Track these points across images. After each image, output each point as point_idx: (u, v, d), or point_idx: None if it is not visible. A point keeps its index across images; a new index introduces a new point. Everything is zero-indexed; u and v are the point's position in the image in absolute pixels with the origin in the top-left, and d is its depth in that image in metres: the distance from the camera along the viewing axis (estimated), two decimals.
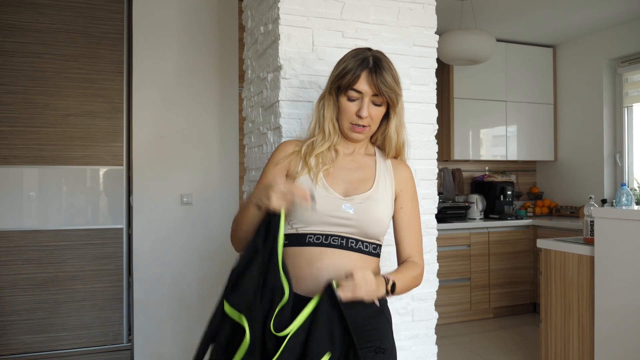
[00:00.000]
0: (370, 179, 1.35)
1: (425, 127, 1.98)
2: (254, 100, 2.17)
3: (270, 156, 1.43)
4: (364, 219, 1.28)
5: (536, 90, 5.05)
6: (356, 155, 1.40)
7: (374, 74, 1.28)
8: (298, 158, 1.36)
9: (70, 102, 3.31)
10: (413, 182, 1.44)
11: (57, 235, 3.28)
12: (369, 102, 1.30)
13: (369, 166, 1.39)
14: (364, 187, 1.33)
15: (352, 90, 1.29)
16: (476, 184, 5.04)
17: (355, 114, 1.31)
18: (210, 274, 3.37)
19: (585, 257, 2.78)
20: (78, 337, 3.30)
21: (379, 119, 1.35)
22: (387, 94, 1.29)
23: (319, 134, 1.36)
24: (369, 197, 1.31)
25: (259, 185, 1.37)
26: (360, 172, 1.36)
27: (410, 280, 1.32)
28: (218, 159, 3.41)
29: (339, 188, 1.31)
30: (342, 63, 1.33)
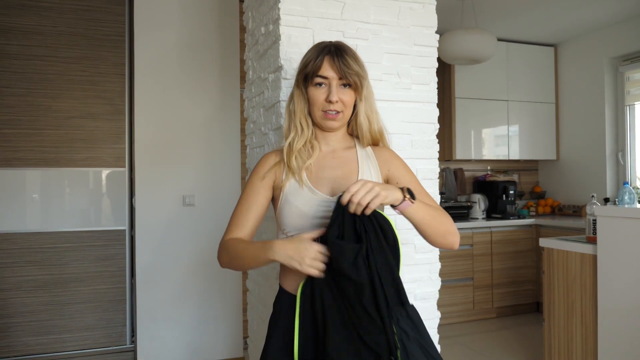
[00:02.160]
0: (353, 172, 1.34)
1: (427, 127, 1.98)
2: (255, 100, 2.18)
3: (253, 170, 1.39)
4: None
5: (538, 89, 5.05)
6: (337, 152, 1.38)
7: (335, 58, 1.28)
8: (281, 166, 1.35)
9: (72, 104, 3.33)
10: (398, 158, 1.41)
11: (59, 237, 3.29)
12: (337, 86, 1.29)
13: (350, 160, 1.37)
14: (349, 182, 1.29)
15: (317, 77, 1.29)
16: (478, 183, 5.04)
17: (325, 100, 1.30)
18: (213, 275, 3.37)
19: (588, 255, 2.78)
20: (81, 339, 3.31)
21: (351, 103, 1.33)
22: (350, 76, 1.29)
23: (293, 131, 1.34)
24: None
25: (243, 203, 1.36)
26: (343, 168, 1.35)
27: (437, 210, 1.28)
28: (220, 160, 3.42)
29: (324, 188, 1.31)
30: (305, 56, 1.35)
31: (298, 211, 1.28)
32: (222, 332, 3.39)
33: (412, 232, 1.96)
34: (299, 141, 1.33)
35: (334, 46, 1.31)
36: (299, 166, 1.32)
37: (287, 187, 1.31)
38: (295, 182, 1.31)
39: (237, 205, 1.37)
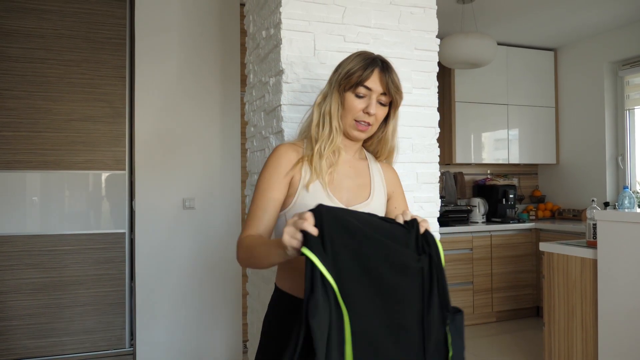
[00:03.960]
0: (366, 185, 1.38)
1: (427, 131, 1.98)
2: (256, 104, 2.18)
3: (272, 163, 1.33)
4: None
5: (538, 94, 5.06)
6: (352, 162, 1.40)
7: (385, 73, 1.30)
8: (302, 164, 1.32)
9: (73, 107, 3.33)
10: (400, 182, 1.49)
11: (59, 240, 3.28)
12: (376, 100, 1.31)
13: (363, 172, 1.40)
14: (363, 195, 1.36)
15: (362, 87, 1.30)
16: (478, 187, 5.04)
17: (362, 111, 1.31)
18: (213, 279, 3.37)
19: (588, 260, 2.77)
20: (81, 342, 3.31)
21: (382, 119, 1.37)
22: (394, 93, 1.32)
23: (325, 132, 1.33)
24: (368, 205, 1.34)
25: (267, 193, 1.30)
26: (357, 178, 1.38)
27: None
28: (220, 163, 3.42)
29: (340, 196, 1.32)
30: (350, 62, 1.34)
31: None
32: (221, 336, 3.38)
33: None
34: (331, 144, 1.32)
35: (381, 60, 1.33)
36: (324, 169, 1.31)
37: (311, 188, 1.29)
38: (319, 185, 1.30)
39: (255, 199, 1.30)
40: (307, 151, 1.33)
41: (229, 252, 3.40)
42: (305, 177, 1.31)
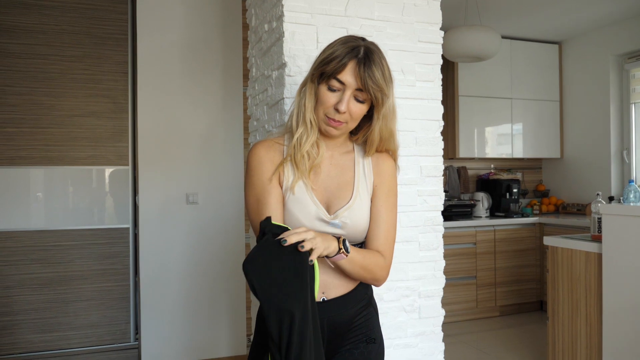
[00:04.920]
0: (349, 184, 1.27)
1: (431, 124, 1.97)
2: (259, 98, 2.17)
3: (252, 170, 1.24)
4: (350, 232, 1.24)
5: (542, 87, 5.03)
6: (335, 157, 1.29)
7: (362, 66, 1.16)
8: (283, 163, 1.24)
9: (75, 103, 3.33)
10: (392, 176, 1.32)
11: (63, 235, 3.29)
12: (350, 96, 1.18)
13: (347, 168, 1.29)
14: (345, 196, 1.25)
15: (334, 79, 1.17)
16: (482, 181, 5.02)
17: (332, 107, 1.19)
18: (217, 273, 3.37)
19: (592, 254, 2.76)
20: (86, 336, 3.32)
21: (359, 117, 1.23)
22: (372, 91, 1.17)
23: (302, 127, 1.22)
24: (351, 207, 1.24)
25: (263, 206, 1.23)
26: (339, 177, 1.27)
27: (369, 260, 1.22)
28: (223, 158, 3.41)
29: (321, 197, 1.24)
30: (330, 48, 1.21)
31: (296, 222, 1.21)
32: (225, 330, 3.39)
33: (417, 229, 1.96)
34: (307, 140, 1.22)
35: (364, 50, 1.18)
36: (306, 167, 1.23)
37: (296, 190, 1.22)
38: (303, 186, 1.22)
39: (255, 214, 1.23)
40: (289, 149, 1.24)
41: (233, 246, 3.40)
42: (289, 178, 1.23)
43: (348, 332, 1.26)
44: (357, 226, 1.25)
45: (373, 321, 1.32)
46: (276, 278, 1.04)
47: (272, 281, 1.03)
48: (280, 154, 1.27)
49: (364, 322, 1.29)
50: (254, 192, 1.24)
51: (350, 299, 1.26)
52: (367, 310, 1.31)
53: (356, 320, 1.27)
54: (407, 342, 1.92)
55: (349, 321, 1.26)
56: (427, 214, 1.95)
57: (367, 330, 1.29)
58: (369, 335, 1.29)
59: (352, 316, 1.26)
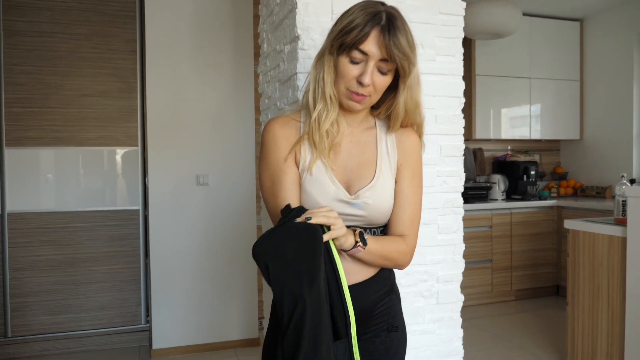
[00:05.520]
0: (371, 162, 1.18)
1: (452, 101, 1.87)
2: (270, 75, 2.08)
3: (268, 148, 1.17)
4: (372, 214, 1.16)
5: (562, 66, 4.87)
6: (355, 134, 1.20)
7: (386, 34, 1.05)
8: (300, 141, 1.16)
9: (83, 82, 3.26)
10: (417, 154, 1.23)
11: (73, 217, 3.26)
12: (374, 68, 1.08)
13: (369, 145, 1.20)
14: (366, 175, 1.17)
15: (356, 50, 1.07)
16: (498, 163, 4.90)
17: (355, 80, 1.09)
18: (228, 255, 3.33)
19: (616, 238, 2.66)
20: (97, 318, 3.31)
21: (383, 89, 1.13)
22: (399, 60, 1.07)
23: (320, 103, 1.13)
24: (373, 187, 1.15)
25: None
26: (360, 155, 1.18)
27: (389, 249, 1.16)
28: (234, 138, 3.34)
29: (341, 177, 1.16)
30: (349, 16, 1.10)
31: (314, 203, 1.13)
32: (237, 312, 3.35)
33: (435, 211, 1.88)
34: (327, 118, 1.12)
35: (386, 16, 1.07)
36: (326, 145, 1.13)
37: (315, 171, 1.13)
38: (322, 167, 1.14)
39: (269, 195, 1.16)
40: (305, 127, 1.15)
41: (244, 228, 3.34)
42: (305, 158, 1.14)
43: (369, 320, 1.19)
44: (380, 207, 1.17)
45: (395, 308, 1.24)
46: (290, 260, 0.98)
47: (286, 264, 0.97)
48: (297, 131, 1.17)
49: (386, 309, 1.22)
50: (268, 172, 1.16)
51: (372, 285, 1.18)
52: (390, 297, 1.23)
53: (378, 307, 1.20)
54: (425, 329, 1.85)
55: (371, 308, 1.18)
56: (446, 195, 1.87)
57: (389, 318, 1.22)
58: (391, 323, 1.21)
59: (373, 303, 1.19)
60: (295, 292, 0.96)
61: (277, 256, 0.98)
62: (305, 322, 0.95)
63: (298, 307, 0.95)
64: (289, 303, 0.96)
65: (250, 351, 3.29)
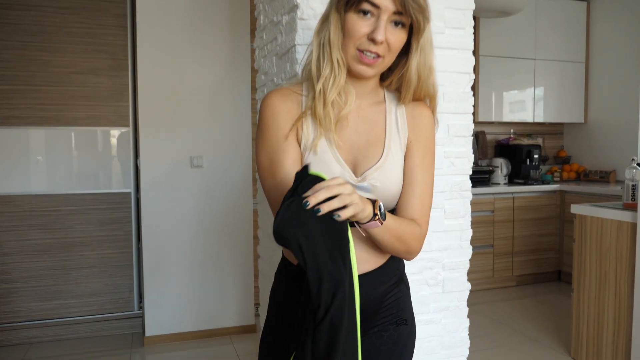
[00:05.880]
0: (379, 139, 1.06)
1: (461, 77, 1.75)
2: (267, 49, 1.95)
3: (266, 123, 1.04)
4: (380, 196, 1.03)
5: (567, 48, 4.73)
6: (363, 108, 1.07)
7: None
8: (302, 116, 1.03)
9: (72, 59, 3.12)
10: (430, 131, 1.10)
11: (63, 200, 3.14)
12: (387, 22, 0.96)
13: (377, 121, 1.08)
14: (374, 154, 1.05)
15: (366, 2, 0.94)
16: (501, 147, 4.79)
17: (366, 37, 0.96)
18: (223, 240, 3.22)
19: (625, 223, 2.57)
20: (87, 305, 3.21)
21: (398, 49, 1.00)
22: (413, 12, 0.95)
23: (327, 69, 1.00)
24: (381, 167, 1.04)
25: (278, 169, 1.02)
26: (368, 132, 1.06)
27: (405, 230, 1.02)
28: (229, 118, 3.21)
29: (347, 156, 1.04)
30: None
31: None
32: (233, 298, 3.26)
33: (442, 195, 1.77)
34: (335, 85, 0.99)
35: None
36: (332, 120, 1.00)
37: (319, 150, 1.01)
38: (326, 143, 1.01)
39: (268, 176, 1.03)
40: (308, 101, 1.03)
41: (239, 212, 3.24)
42: (309, 135, 1.02)
43: (377, 313, 1.08)
44: (389, 189, 1.05)
45: (405, 300, 1.13)
46: (319, 241, 0.84)
47: (318, 244, 0.83)
48: (298, 105, 1.05)
49: (395, 301, 1.11)
50: (266, 151, 1.03)
51: (380, 275, 1.07)
52: (399, 288, 1.12)
53: (386, 299, 1.09)
54: (430, 318, 1.76)
55: (379, 300, 1.08)
56: (454, 178, 1.76)
57: (398, 310, 1.11)
58: (400, 316, 1.11)
59: (382, 295, 1.08)
60: (335, 275, 0.82)
61: (306, 236, 0.83)
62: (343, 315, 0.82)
63: (338, 296, 0.82)
64: (328, 289, 0.82)
65: (247, 338, 3.21)
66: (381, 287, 1.08)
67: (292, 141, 1.02)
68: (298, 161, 1.03)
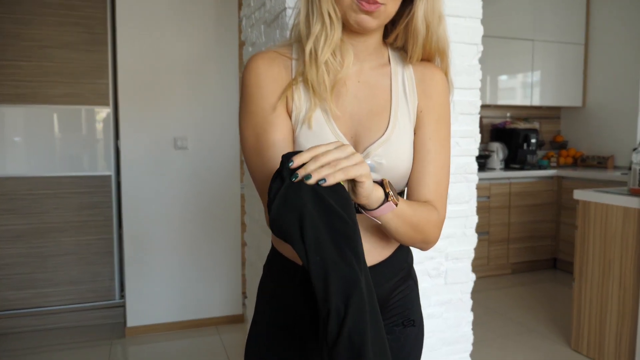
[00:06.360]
0: (384, 108, 0.90)
1: (468, 48, 1.60)
2: (255, 17, 1.78)
3: (250, 93, 0.88)
4: (387, 176, 0.87)
5: (565, 29, 4.58)
6: (365, 71, 0.91)
7: None
8: (292, 82, 0.87)
9: (46, 32, 2.91)
10: (444, 97, 0.94)
11: (38, 183, 2.96)
12: None
13: (381, 86, 0.91)
14: (378, 126, 0.89)
15: None
16: (497, 131, 4.66)
17: None
18: (209, 226, 3.06)
19: (632, 210, 2.45)
20: (66, 293, 3.05)
21: None
22: None
23: (317, 24, 0.84)
24: (387, 141, 0.88)
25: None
26: (370, 100, 0.90)
27: (422, 215, 0.86)
28: (216, 97, 3.02)
29: (347, 129, 0.88)
30: None
31: None
32: (218, 287, 3.11)
33: None
34: (328, 43, 0.83)
35: None
36: (327, 86, 0.84)
37: (314, 123, 0.86)
38: (322, 114, 0.86)
39: (254, 155, 0.87)
40: (299, 65, 0.88)
41: (227, 197, 3.07)
42: (300, 106, 0.87)
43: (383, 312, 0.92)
44: (397, 167, 0.88)
45: (413, 297, 0.98)
46: (325, 232, 0.67)
47: (322, 235, 0.67)
48: (288, 71, 0.89)
49: (402, 299, 0.95)
50: (251, 125, 0.87)
51: (387, 269, 0.92)
52: (407, 284, 0.97)
53: (393, 296, 0.94)
54: (431, 312, 1.62)
55: (385, 298, 0.92)
56: (459, 159, 1.61)
57: (405, 309, 0.96)
58: (407, 317, 0.96)
59: (388, 292, 0.93)
60: (347, 275, 0.64)
61: (308, 226, 0.66)
62: (366, 327, 0.63)
63: (353, 301, 0.63)
64: (339, 294, 0.64)
65: (234, 328, 3.07)
66: (387, 283, 0.92)
67: (281, 113, 0.86)
68: (289, 137, 0.86)
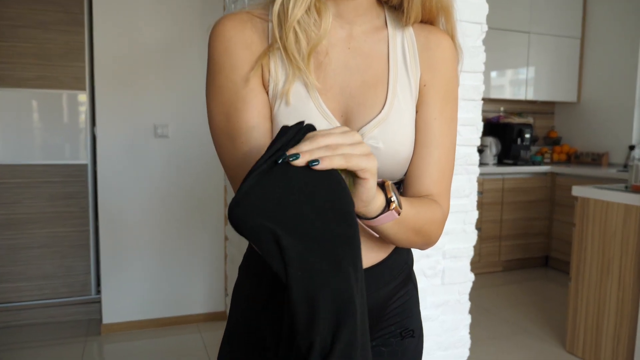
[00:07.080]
0: (380, 81, 0.75)
1: (472, 28, 1.47)
2: None
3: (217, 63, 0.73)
4: (384, 163, 0.73)
5: (561, 23, 4.48)
6: (356, 36, 0.76)
7: None
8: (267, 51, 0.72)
9: (18, 11, 2.73)
10: (451, 69, 0.78)
11: (8, 171, 2.78)
12: None
13: (376, 54, 0.76)
14: (373, 102, 0.74)
15: None
16: (490, 125, 4.55)
17: None
18: (190, 218, 2.91)
19: (634, 207, 2.35)
20: (39, 288, 2.88)
21: None
22: None
23: None
24: (385, 121, 0.73)
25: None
26: (364, 71, 0.75)
27: (425, 217, 0.72)
28: (198, 83, 2.87)
29: (335, 105, 0.73)
30: None
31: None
32: (200, 283, 2.97)
33: None
34: (299, 1, 0.68)
35: None
36: (304, 53, 0.69)
37: (293, 99, 0.71)
38: (302, 88, 0.71)
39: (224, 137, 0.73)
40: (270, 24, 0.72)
41: (209, 189, 2.92)
42: (277, 77, 0.72)
43: (377, 323, 0.79)
44: (395, 153, 0.73)
45: (412, 304, 0.84)
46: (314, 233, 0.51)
47: (309, 237, 0.51)
48: (263, 35, 0.73)
49: (401, 305, 0.82)
50: (220, 102, 0.72)
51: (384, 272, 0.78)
52: (406, 289, 0.83)
53: (391, 303, 0.80)
54: (426, 314, 1.50)
55: (381, 306, 0.79)
56: (459, 149, 1.49)
57: (404, 318, 0.82)
58: (406, 326, 0.82)
59: (385, 298, 0.79)
60: (342, 291, 0.50)
61: (289, 228, 0.51)
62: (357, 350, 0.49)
63: (343, 333, 0.48)
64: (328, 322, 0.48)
65: (215, 326, 2.93)
66: (385, 288, 0.79)
67: (255, 86, 0.71)
68: (266, 115, 0.71)
